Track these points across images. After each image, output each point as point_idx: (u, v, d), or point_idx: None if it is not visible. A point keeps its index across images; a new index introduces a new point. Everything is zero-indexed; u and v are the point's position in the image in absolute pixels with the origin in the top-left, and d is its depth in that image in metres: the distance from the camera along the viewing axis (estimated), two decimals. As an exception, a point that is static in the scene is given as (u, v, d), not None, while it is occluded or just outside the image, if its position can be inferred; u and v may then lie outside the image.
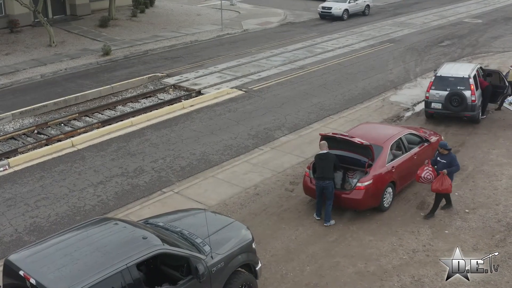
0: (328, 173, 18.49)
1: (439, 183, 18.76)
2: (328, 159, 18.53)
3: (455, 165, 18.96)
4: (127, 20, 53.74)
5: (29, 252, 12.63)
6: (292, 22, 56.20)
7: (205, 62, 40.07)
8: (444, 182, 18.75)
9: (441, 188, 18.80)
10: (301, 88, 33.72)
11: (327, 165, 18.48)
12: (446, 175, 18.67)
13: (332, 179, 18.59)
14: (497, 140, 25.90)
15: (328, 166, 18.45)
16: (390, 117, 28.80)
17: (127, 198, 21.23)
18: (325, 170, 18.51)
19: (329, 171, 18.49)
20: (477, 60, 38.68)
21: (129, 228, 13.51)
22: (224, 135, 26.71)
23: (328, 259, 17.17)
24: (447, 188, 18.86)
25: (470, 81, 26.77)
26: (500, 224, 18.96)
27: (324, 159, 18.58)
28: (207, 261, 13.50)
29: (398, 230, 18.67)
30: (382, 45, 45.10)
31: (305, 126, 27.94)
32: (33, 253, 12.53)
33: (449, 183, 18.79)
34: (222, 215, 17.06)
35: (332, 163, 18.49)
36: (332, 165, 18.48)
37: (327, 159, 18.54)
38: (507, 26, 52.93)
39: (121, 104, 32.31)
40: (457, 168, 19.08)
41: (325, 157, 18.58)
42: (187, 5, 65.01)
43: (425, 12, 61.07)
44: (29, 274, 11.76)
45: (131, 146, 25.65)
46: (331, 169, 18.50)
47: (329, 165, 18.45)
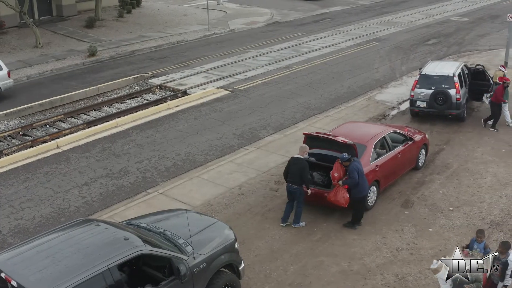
0: (295, 178, 18.36)
1: (333, 193, 18.47)
2: (299, 165, 18.29)
3: (350, 177, 18.14)
4: (114, 21, 53.58)
5: (10, 254, 12.59)
6: (278, 21, 56.19)
7: (191, 62, 40.03)
8: (338, 194, 18.34)
9: (333, 199, 18.41)
10: (287, 88, 33.74)
11: (297, 171, 18.29)
12: (342, 187, 18.30)
13: (300, 185, 18.37)
14: (482, 138, 26.00)
15: (297, 172, 18.26)
16: (376, 116, 28.87)
17: (112, 199, 21.20)
18: (294, 176, 18.40)
19: (297, 177, 18.32)
20: (463, 59, 38.82)
21: (111, 229, 13.47)
22: (210, 135, 26.71)
23: (312, 259, 17.20)
24: (339, 201, 18.31)
25: (454, 79, 26.85)
26: (484, 222, 19.04)
27: (295, 164, 18.39)
28: (189, 262, 13.48)
29: (382, 229, 18.72)
30: (368, 44, 45.18)
31: (291, 125, 27.99)
32: (15, 255, 12.49)
33: (343, 195, 18.24)
34: (205, 216, 17.04)
35: (300, 171, 18.22)
36: (300, 172, 18.20)
37: (298, 164, 18.32)
38: (493, 24, 53.10)
39: (107, 105, 32.25)
40: (352, 181, 18.04)
41: (297, 162, 18.38)
42: (173, 5, 64.89)
43: (412, 11, 61.18)
44: (10, 276, 11.72)
45: (116, 147, 25.60)
46: (298, 176, 18.28)
47: (298, 172, 18.25)
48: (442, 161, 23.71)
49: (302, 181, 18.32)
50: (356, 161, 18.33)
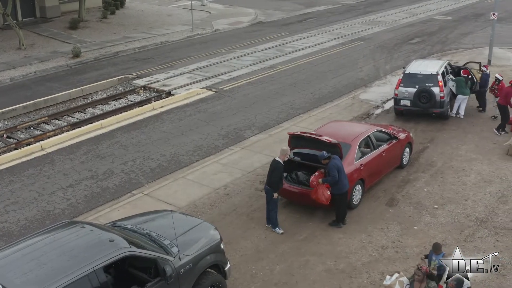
0: (269, 179, 18.32)
1: (313, 192, 18.55)
2: (273, 167, 18.20)
3: (330, 175, 18.15)
4: (98, 22, 53.42)
5: (-5, 257, 12.52)
6: (263, 21, 56.21)
7: (176, 63, 39.97)
8: (318, 192, 18.42)
9: (314, 197, 18.48)
10: (271, 88, 33.77)
11: (270, 172, 18.25)
12: (322, 185, 18.37)
13: (271, 187, 18.24)
14: (466, 136, 26.13)
15: (270, 173, 18.22)
16: (360, 115, 28.95)
17: (97, 201, 21.13)
18: (268, 177, 18.40)
19: (269, 178, 18.30)
20: (447, 57, 39.02)
21: (96, 231, 13.43)
22: (194, 136, 26.68)
23: (297, 258, 17.22)
24: (320, 199, 18.37)
25: (438, 78, 26.98)
26: (469, 219, 19.14)
27: (271, 165, 18.33)
28: (175, 263, 13.48)
29: (368, 227, 18.77)
30: (353, 43, 45.28)
31: (275, 125, 28.03)
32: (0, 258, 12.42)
33: (323, 193, 18.32)
34: (191, 216, 17.02)
35: (272, 172, 18.15)
36: (272, 173, 18.13)
37: (272, 166, 18.24)
38: (477, 23, 53.40)
39: (91, 106, 32.15)
40: (332, 179, 18.10)
41: (273, 164, 18.27)
42: (158, 5, 64.79)
43: (396, 10, 61.41)
44: (-5, 279, 11.68)
45: (100, 149, 25.53)
46: (270, 177, 18.26)
47: (271, 173, 18.20)
48: (427, 159, 23.81)
49: (269, 181, 18.29)
50: (335, 158, 18.36)
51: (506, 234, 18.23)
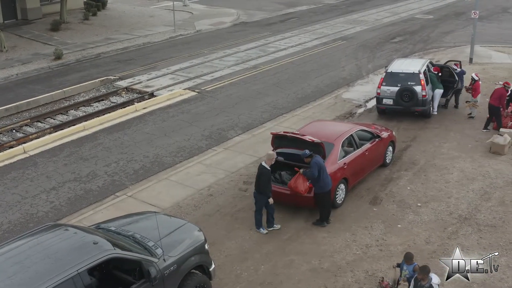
0: (257, 185, 18.28)
1: (293, 181, 18.70)
2: (259, 172, 18.17)
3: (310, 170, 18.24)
4: (79, 23, 53.22)
5: (-21, 261, 12.45)
6: (245, 21, 56.22)
7: (158, 64, 39.87)
8: (297, 181, 18.58)
9: (293, 185, 18.63)
10: (254, 88, 33.78)
11: (257, 178, 18.23)
12: (302, 175, 18.52)
13: (260, 193, 18.21)
14: (448, 134, 26.26)
15: (258, 179, 18.20)
16: (343, 114, 29.02)
17: (80, 203, 21.05)
18: (256, 182, 18.39)
19: (257, 184, 18.27)
20: (429, 56, 39.21)
21: (80, 233, 13.39)
22: (177, 137, 26.65)
23: (282, 257, 17.24)
24: (298, 187, 18.52)
25: (420, 76, 27.09)
26: (452, 217, 19.24)
27: (258, 171, 18.29)
28: (160, 264, 13.48)
29: (352, 226, 18.83)
30: (335, 43, 45.38)
31: (258, 125, 28.05)
32: (-17, 262, 12.36)
33: (303, 183, 18.50)
34: (175, 217, 17.00)
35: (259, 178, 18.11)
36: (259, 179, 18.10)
37: (259, 171, 18.22)
38: (458, 21, 53.73)
39: (74, 108, 32.00)
40: (311, 174, 18.18)
41: (259, 169, 18.26)
42: (139, 6, 64.63)
43: (378, 9, 61.64)
44: (-21, 283, 11.62)
45: (83, 151, 25.43)
46: (257, 183, 18.21)
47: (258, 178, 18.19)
48: (409, 157, 23.91)
49: (258, 187, 18.26)
50: (317, 156, 18.41)
51: (490, 231, 18.34)
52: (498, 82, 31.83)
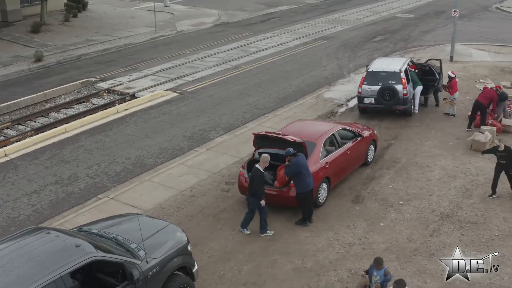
0: (250, 188, 18.23)
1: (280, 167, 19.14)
2: (253, 175, 18.13)
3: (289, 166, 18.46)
4: (60, 25, 52.93)
5: (-40, 266, 12.36)
6: (226, 22, 56.18)
7: (139, 65, 39.74)
8: (278, 173, 19.12)
9: (278, 172, 19.11)
10: (235, 88, 33.78)
11: (251, 180, 18.17)
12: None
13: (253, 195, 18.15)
14: (429, 132, 26.39)
15: (251, 181, 18.14)
16: (325, 114, 29.09)
17: (62, 206, 20.94)
18: (249, 185, 18.37)
19: (250, 186, 18.24)
20: (409, 54, 39.40)
21: (62, 236, 13.31)
22: (159, 138, 26.59)
23: (265, 257, 17.26)
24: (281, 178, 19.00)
25: (401, 75, 27.19)
26: (434, 214, 19.36)
27: (251, 173, 18.26)
28: (142, 266, 13.43)
29: (334, 225, 18.87)
30: (316, 42, 45.48)
31: (240, 125, 28.04)
32: (-36, 266, 12.27)
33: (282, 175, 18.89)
34: (157, 219, 17.02)
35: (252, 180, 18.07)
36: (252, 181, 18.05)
37: (252, 174, 18.16)
38: (438, 20, 54.03)
39: (55, 110, 31.85)
40: (288, 171, 18.46)
41: (253, 172, 18.20)
42: (120, 8, 64.39)
43: (359, 8, 61.85)
44: (-40, 288, 11.54)
45: (65, 153, 25.31)
46: (251, 185, 18.17)
47: (251, 181, 18.13)
48: (391, 156, 24.01)
49: (250, 189, 18.22)
50: (300, 156, 18.46)
51: (471, 228, 18.45)
52: (479, 80, 32.13)
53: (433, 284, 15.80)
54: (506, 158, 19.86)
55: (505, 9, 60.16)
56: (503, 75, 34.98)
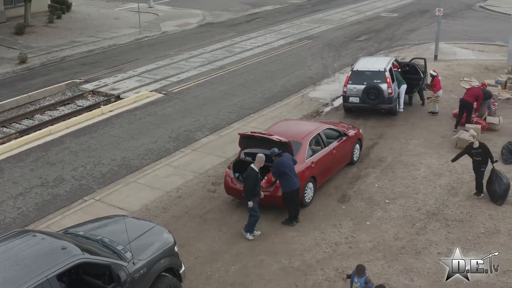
0: (244, 186, 18.12)
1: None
2: (247, 174, 18.04)
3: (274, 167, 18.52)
4: (44, 27, 52.73)
5: None
6: (211, 22, 56.11)
7: (124, 66, 39.64)
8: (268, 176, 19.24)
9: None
10: (221, 88, 33.75)
11: (245, 180, 18.04)
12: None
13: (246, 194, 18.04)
14: (414, 131, 26.47)
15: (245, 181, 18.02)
16: (310, 113, 29.13)
17: (48, 208, 20.84)
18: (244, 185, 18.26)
19: (245, 184, 18.11)
20: (394, 53, 39.56)
21: (48, 239, 13.24)
22: (145, 139, 26.53)
23: (252, 258, 17.26)
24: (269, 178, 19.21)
25: (386, 74, 27.26)
26: (420, 213, 19.42)
27: (246, 173, 18.16)
28: (129, 268, 13.39)
29: (321, 224, 18.89)
30: (301, 42, 45.53)
31: (226, 126, 28.01)
32: (-50, 270, 12.19)
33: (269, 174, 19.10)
34: (143, 220, 16.98)
35: (246, 180, 17.98)
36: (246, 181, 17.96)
37: (247, 173, 18.06)
38: (423, 19, 54.26)
39: (39, 112, 31.69)
40: (273, 171, 18.56)
41: (248, 171, 18.08)
42: (104, 9, 64.17)
43: (343, 8, 61.95)
44: None
45: (50, 155, 25.20)
46: (245, 185, 18.05)
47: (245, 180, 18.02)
48: (377, 155, 24.07)
49: (244, 189, 18.11)
50: (285, 155, 18.47)
51: (457, 225, 18.53)
52: (464, 78, 32.28)
53: (420, 282, 15.86)
54: (481, 155, 19.87)
55: (489, 7, 60.41)
56: (487, 73, 35.16)
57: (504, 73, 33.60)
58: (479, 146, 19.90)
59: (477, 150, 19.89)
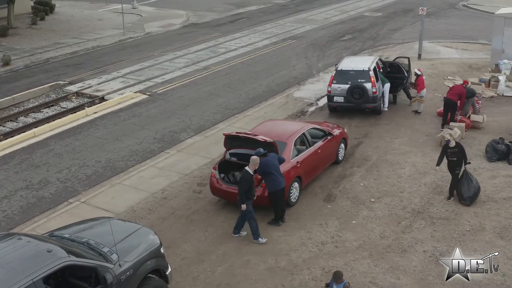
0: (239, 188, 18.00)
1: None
2: (241, 176, 17.99)
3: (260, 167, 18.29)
4: (27, 28, 52.50)
5: None
6: (195, 23, 55.99)
7: (108, 68, 39.50)
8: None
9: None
10: (205, 89, 33.73)
11: (239, 182, 18.02)
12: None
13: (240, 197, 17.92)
14: (399, 130, 26.57)
15: (239, 183, 18.00)
16: (295, 113, 29.17)
17: (33, 211, 20.74)
18: (239, 187, 18.06)
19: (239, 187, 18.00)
20: (378, 53, 39.69)
21: (33, 242, 13.18)
22: (130, 141, 26.47)
23: (239, 258, 17.27)
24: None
25: (370, 74, 27.34)
26: (405, 211, 19.50)
27: (241, 175, 18.16)
28: (115, 270, 13.34)
29: (307, 224, 18.93)
30: (285, 42, 45.57)
31: (211, 126, 27.99)
32: None
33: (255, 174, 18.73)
34: (129, 222, 16.91)
35: (240, 182, 17.92)
36: (240, 183, 17.90)
37: (241, 176, 18.05)
38: (406, 18, 54.45)
39: (23, 115, 31.52)
40: (258, 170, 18.16)
41: (242, 174, 18.06)
42: (88, 10, 63.92)
43: (326, 8, 62.05)
44: None
45: (35, 158, 25.07)
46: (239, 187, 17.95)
47: (239, 183, 18.01)
48: (362, 154, 24.14)
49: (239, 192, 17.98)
50: (270, 155, 18.46)
51: (443, 223, 18.62)
52: (448, 77, 32.43)
53: (406, 280, 15.92)
54: (457, 155, 19.83)
55: (472, 6, 60.67)
56: (471, 71, 35.33)
57: (488, 72, 33.81)
58: (455, 146, 19.85)
59: (453, 149, 19.83)
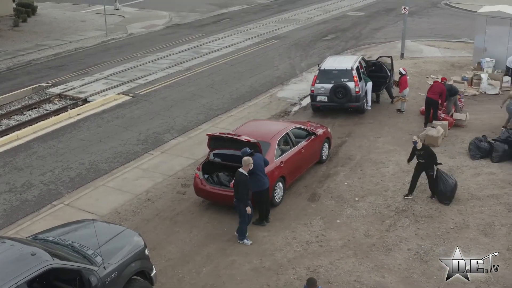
0: (236, 193, 17.80)
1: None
2: (237, 179, 17.77)
3: None
4: (9, 30, 52.22)
5: None
6: (177, 23, 55.93)
7: (91, 69, 39.34)
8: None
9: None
10: (189, 90, 33.69)
11: (236, 185, 17.77)
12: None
13: (239, 200, 17.73)
14: (382, 129, 26.65)
15: (236, 186, 17.76)
16: (278, 113, 29.20)
17: (17, 214, 20.62)
18: (234, 190, 17.93)
19: (235, 191, 17.81)
20: (361, 52, 39.82)
21: (17, 245, 13.11)
22: (113, 142, 26.38)
23: (223, 259, 17.26)
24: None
25: (353, 73, 27.42)
26: (389, 210, 19.58)
27: (235, 178, 17.89)
28: (100, 272, 13.30)
29: (291, 224, 18.95)
30: (268, 42, 45.62)
31: (194, 127, 27.96)
32: None
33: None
34: (113, 224, 16.92)
35: (237, 185, 17.69)
36: (237, 187, 17.68)
37: (237, 178, 17.79)
38: (389, 17, 54.70)
39: (6, 117, 31.31)
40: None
41: (237, 176, 17.82)
42: (70, 11, 63.62)
43: (309, 8, 62.15)
44: None
45: (18, 161, 24.94)
46: (236, 190, 17.78)
47: (236, 186, 17.75)
48: (345, 153, 24.20)
49: (236, 195, 17.84)
50: (256, 155, 18.42)
51: (427, 221, 18.70)
52: (430, 76, 32.58)
53: (391, 279, 15.98)
54: (424, 157, 19.92)
55: (454, 5, 61.01)
56: (453, 70, 35.52)
57: (470, 70, 34.02)
58: (422, 148, 19.92)
59: (420, 152, 19.92)
